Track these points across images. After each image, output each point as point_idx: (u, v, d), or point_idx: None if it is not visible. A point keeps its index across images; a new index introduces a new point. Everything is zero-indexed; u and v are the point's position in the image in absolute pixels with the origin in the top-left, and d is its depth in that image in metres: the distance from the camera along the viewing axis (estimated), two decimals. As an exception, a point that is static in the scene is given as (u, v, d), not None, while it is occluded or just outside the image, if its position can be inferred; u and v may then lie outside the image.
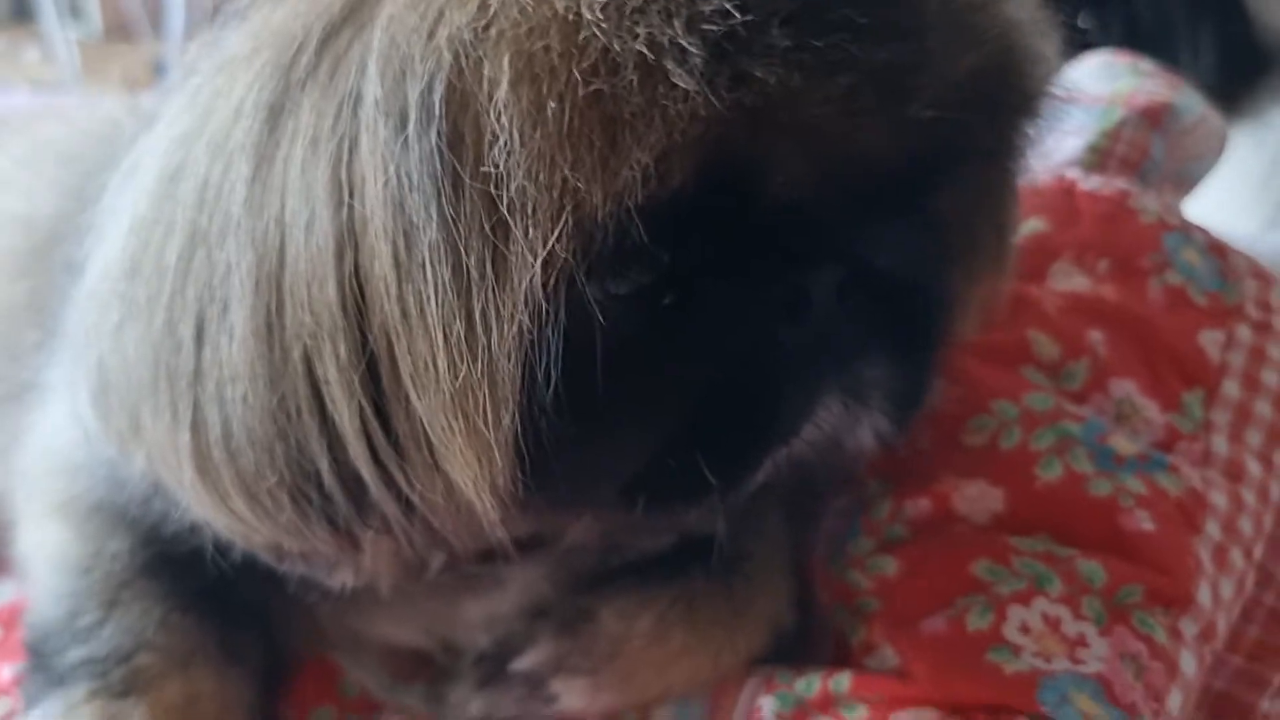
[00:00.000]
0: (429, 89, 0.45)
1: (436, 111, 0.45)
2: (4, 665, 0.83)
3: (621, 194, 0.45)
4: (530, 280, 0.45)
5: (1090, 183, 0.86)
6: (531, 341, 0.46)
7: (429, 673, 0.78)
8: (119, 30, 4.57)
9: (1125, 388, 0.77)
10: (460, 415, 0.47)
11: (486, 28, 0.45)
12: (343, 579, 0.62)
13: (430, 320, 0.46)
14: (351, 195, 0.47)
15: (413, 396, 0.47)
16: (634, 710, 0.71)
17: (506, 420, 0.47)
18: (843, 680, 0.67)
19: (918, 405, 0.59)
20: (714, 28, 0.44)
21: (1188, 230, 0.84)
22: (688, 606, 0.71)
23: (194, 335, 0.50)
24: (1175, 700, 0.66)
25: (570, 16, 0.44)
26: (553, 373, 0.47)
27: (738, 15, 0.43)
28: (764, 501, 0.72)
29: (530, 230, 0.44)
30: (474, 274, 0.45)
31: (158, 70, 3.40)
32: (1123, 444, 0.74)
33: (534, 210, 0.44)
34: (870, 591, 0.73)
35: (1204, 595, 0.70)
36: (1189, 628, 0.68)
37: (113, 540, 0.73)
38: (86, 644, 0.71)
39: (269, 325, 0.49)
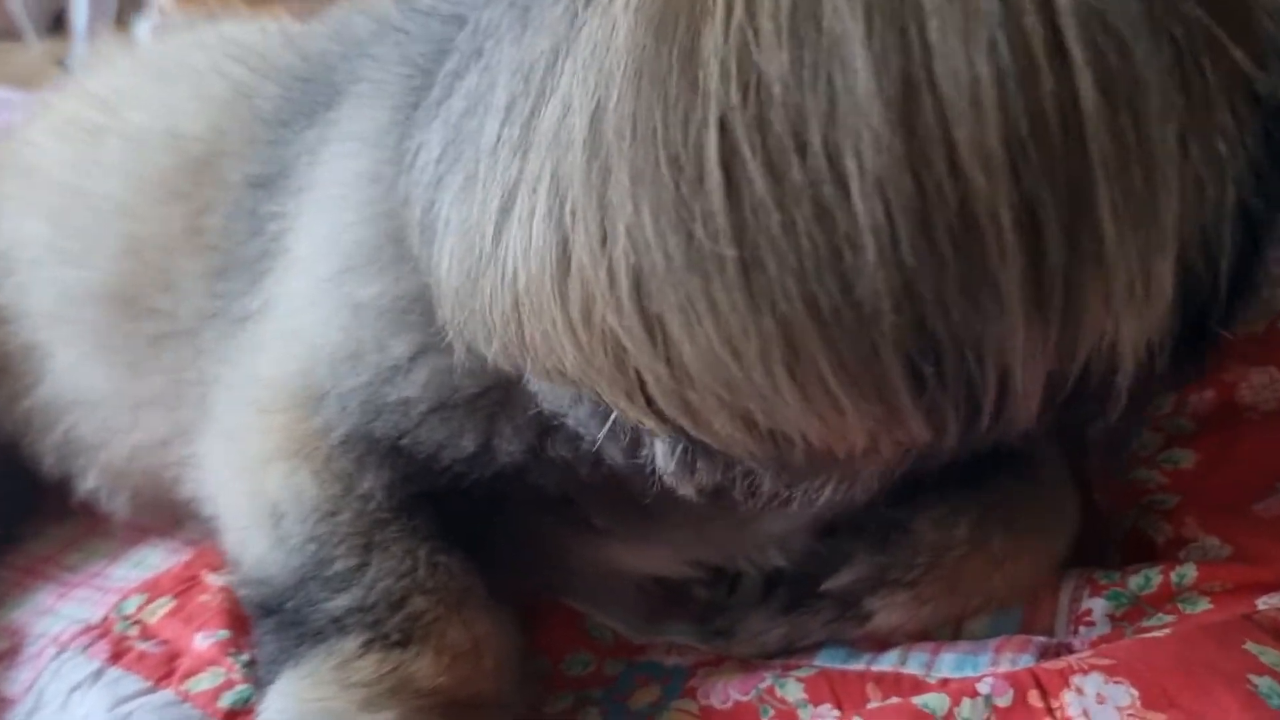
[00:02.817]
0: None
1: None
2: (197, 634, 0.74)
3: None
4: None
5: None
6: None
7: (689, 608, 0.73)
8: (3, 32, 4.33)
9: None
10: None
11: None
12: (816, 486, 0.55)
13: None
14: None
15: None
16: (948, 625, 0.67)
17: None
18: (1187, 572, 0.64)
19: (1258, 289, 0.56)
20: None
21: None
22: (1005, 512, 0.67)
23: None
24: None
25: None
26: None
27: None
28: None
29: None
30: None
31: (61, 65, 3.28)
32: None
33: None
34: (1165, 487, 0.70)
35: None
36: None
37: (365, 478, 0.65)
38: (348, 591, 0.63)
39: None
